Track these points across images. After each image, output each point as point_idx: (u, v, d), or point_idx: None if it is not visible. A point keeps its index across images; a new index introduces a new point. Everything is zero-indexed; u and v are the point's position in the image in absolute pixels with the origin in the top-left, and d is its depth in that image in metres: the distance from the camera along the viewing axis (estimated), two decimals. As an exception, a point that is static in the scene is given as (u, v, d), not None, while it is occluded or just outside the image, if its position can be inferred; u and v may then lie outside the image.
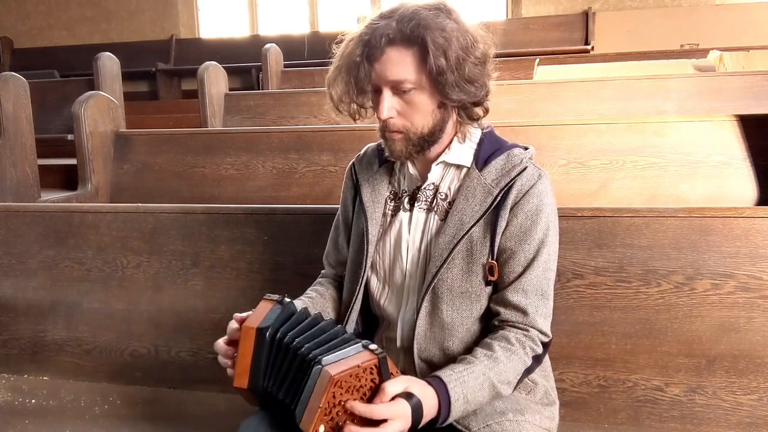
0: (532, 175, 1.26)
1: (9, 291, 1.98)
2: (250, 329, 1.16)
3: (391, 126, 1.24)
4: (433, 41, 1.16)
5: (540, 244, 1.24)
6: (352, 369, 1.05)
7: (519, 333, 1.22)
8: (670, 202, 2.34)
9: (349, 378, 1.05)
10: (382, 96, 1.22)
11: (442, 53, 1.17)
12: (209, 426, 1.63)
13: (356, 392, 1.06)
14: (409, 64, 1.19)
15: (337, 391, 1.04)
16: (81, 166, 2.75)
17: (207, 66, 3.69)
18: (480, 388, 1.15)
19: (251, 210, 1.85)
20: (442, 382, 1.13)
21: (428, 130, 1.24)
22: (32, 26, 7.80)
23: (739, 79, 3.18)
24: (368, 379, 1.07)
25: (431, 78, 1.19)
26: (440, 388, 1.12)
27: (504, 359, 1.18)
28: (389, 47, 1.19)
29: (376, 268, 1.35)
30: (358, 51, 1.21)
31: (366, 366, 1.06)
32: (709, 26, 5.91)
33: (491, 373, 1.17)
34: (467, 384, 1.14)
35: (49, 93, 4.19)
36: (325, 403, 1.03)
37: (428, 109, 1.23)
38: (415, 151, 1.26)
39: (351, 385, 1.05)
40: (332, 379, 1.03)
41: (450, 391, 1.12)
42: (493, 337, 1.23)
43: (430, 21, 1.17)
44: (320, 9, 7.53)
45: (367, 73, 1.21)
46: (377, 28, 1.19)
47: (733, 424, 1.51)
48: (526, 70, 4.36)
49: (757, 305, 1.49)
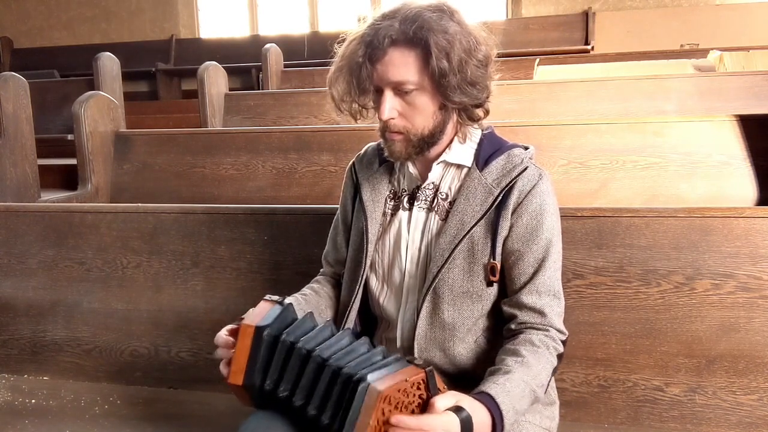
0: (533, 175, 1.26)
1: (9, 291, 1.98)
2: (248, 327, 1.15)
3: (392, 127, 1.24)
4: (436, 43, 1.16)
5: (548, 244, 1.24)
6: (399, 383, 1.00)
7: (540, 334, 1.22)
8: (670, 202, 2.34)
9: (397, 393, 1.00)
10: (383, 97, 1.22)
11: (445, 55, 1.16)
12: (209, 426, 1.63)
13: (405, 409, 1.01)
14: (412, 66, 1.19)
15: (386, 407, 0.99)
16: (81, 166, 2.74)
17: (207, 66, 3.69)
18: (522, 395, 1.13)
19: (251, 210, 1.85)
20: (490, 396, 1.09)
21: (429, 132, 1.24)
22: (32, 26, 7.79)
23: (739, 79, 3.18)
24: (416, 395, 1.03)
25: (433, 80, 1.19)
26: (489, 402, 1.08)
27: (534, 363, 1.17)
28: (392, 48, 1.19)
29: (376, 267, 1.35)
30: (360, 51, 1.21)
31: (414, 381, 1.02)
32: (709, 26, 5.91)
33: (528, 378, 1.15)
34: (512, 394, 1.11)
35: (49, 93, 4.19)
36: (374, 420, 0.98)
37: (429, 110, 1.23)
38: (415, 153, 1.26)
39: (400, 401, 1.01)
40: (381, 395, 0.98)
41: (500, 404, 1.09)
42: (516, 342, 1.21)
43: (434, 23, 1.17)
44: (320, 9, 7.53)
45: (369, 73, 1.21)
46: (380, 29, 1.19)
47: (733, 424, 1.51)
48: (526, 70, 4.36)
49: (757, 305, 1.49)
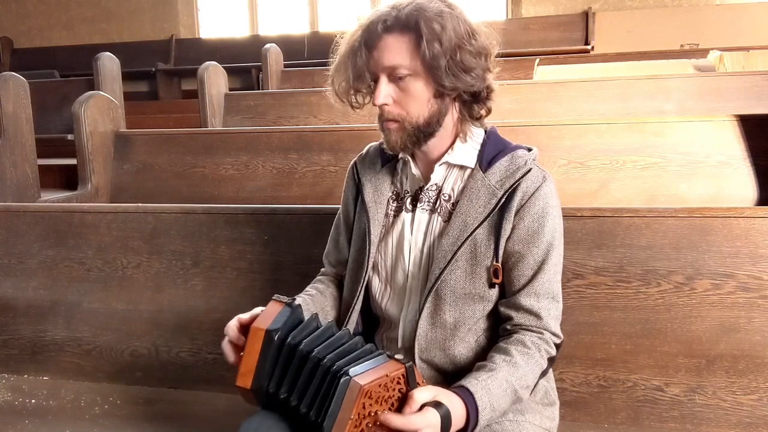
0: (537, 177, 1.26)
1: (9, 291, 1.98)
2: (259, 330, 1.15)
3: (387, 114, 1.24)
4: (429, 27, 1.17)
5: (549, 247, 1.24)
6: (380, 379, 1.03)
7: (534, 336, 1.22)
8: (670, 202, 2.34)
9: (378, 388, 1.03)
10: (378, 83, 1.23)
11: (437, 39, 1.17)
12: (209, 426, 1.63)
13: (385, 403, 1.04)
14: (405, 50, 1.20)
15: (367, 401, 1.02)
16: (81, 166, 2.74)
17: (207, 66, 3.69)
18: (504, 394, 1.14)
19: (251, 210, 1.85)
20: (468, 391, 1.11)
21: (424, 120, 1.24)
22: (32, 26, 7.79)
23: (739, 79, 3.18)
24: (396, 389, 1.06)
25: (425, 64, 1.19)
26: (467, 397, 1.10)
27: (523, 364, 1.18)
28: (386, 34, 1.21)
29: (378, 268, 1.35)
30: (359, 38, 1.24)
31: (394, 376, 1.05)
32: (709, 26, 5.91)
33: (512, 378, 1.16)
34: (492, 392, 1.13)
35: (49, 93, 4.19)
36: (355, 414, 1.01)
37: (424, 97, 1.23)
38: (411, 143, 1.26)
39: (380, 396, 1.04)
40: (362, 390, 1.01)
41: (477, 400, 1.10)
42: (508, 341, 1.22)
43: (427, 8, 1.19)
44: (320, 9, 7.53)
45: (365, 59, 1.23)
46: (377, 16, 1.22)
47: (733, 424, 1.51)
48: (526, 70, 4.36)
49: (757, 305, 1.49)
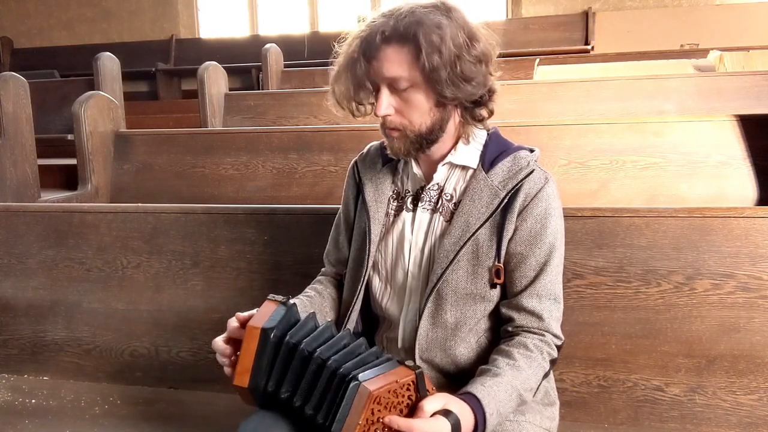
0: (539, 179, 1.26)
1: (9, 291, 1.98)
2: (254, 329, 1.15)
3: (389, 123, 1.24)
4: (427, 39, 1.16)
5: (551, 248, 1.24)
6: (390, 385, 1.02)
7: (536, 338, 1.22)
8: (670, 202, 2.34)
9: (387, 394, 1.02)
10: (380, 93, 1.22)
11: (436, 50, 1.16)
12: (209, 426, 1.63)
13: (394, 409, 1.03)
14: (404, 62, 1.19)
15: (376, 407, 1.01)
16: (81, 166, 2.74)
17: (207, 66, 3.69)
18: (509, 399, 1.14)
19: (251, 210, 1.85)
20: (476, 398, 1.11)
21: (426, 129, 1.24)
22: (32, 26, 7.79)
23: (739, 79, 3.18)
24: (405, 396, 1.05)
25: (425, 76, 1.18)
26: (475, 404, 1.10)
27: (526, 367, 1.18)
28: (385, 45, 1.19)
29: (378, 268, 1.35)
30: (357, 49, 1.23)
31: (404, 382, 1.04)
32: (709, 26, 5.91)
33: (517, 382, 1.16)
34: (498, 397, 1.12)
35: (49, 93, 4.19)
36: (364, 420, 1.00)
37: (425, 107, 1.22)
38: (414, 149, 1.26)
39: (389, 402, 1.03)
40: (371, 396, 1.00)
41: (485, 407, 1.10)
42: (510, 344, 1.22)
43: (426, 18, 1.17)
44: (320, 9, 7.53)
45: (365, 70, 1.22)
46: (375, 26, 1.20)
47: (733, 424, 1.50)
48: (526, 70, 4.36)
49: (757, 305, 1.49)
